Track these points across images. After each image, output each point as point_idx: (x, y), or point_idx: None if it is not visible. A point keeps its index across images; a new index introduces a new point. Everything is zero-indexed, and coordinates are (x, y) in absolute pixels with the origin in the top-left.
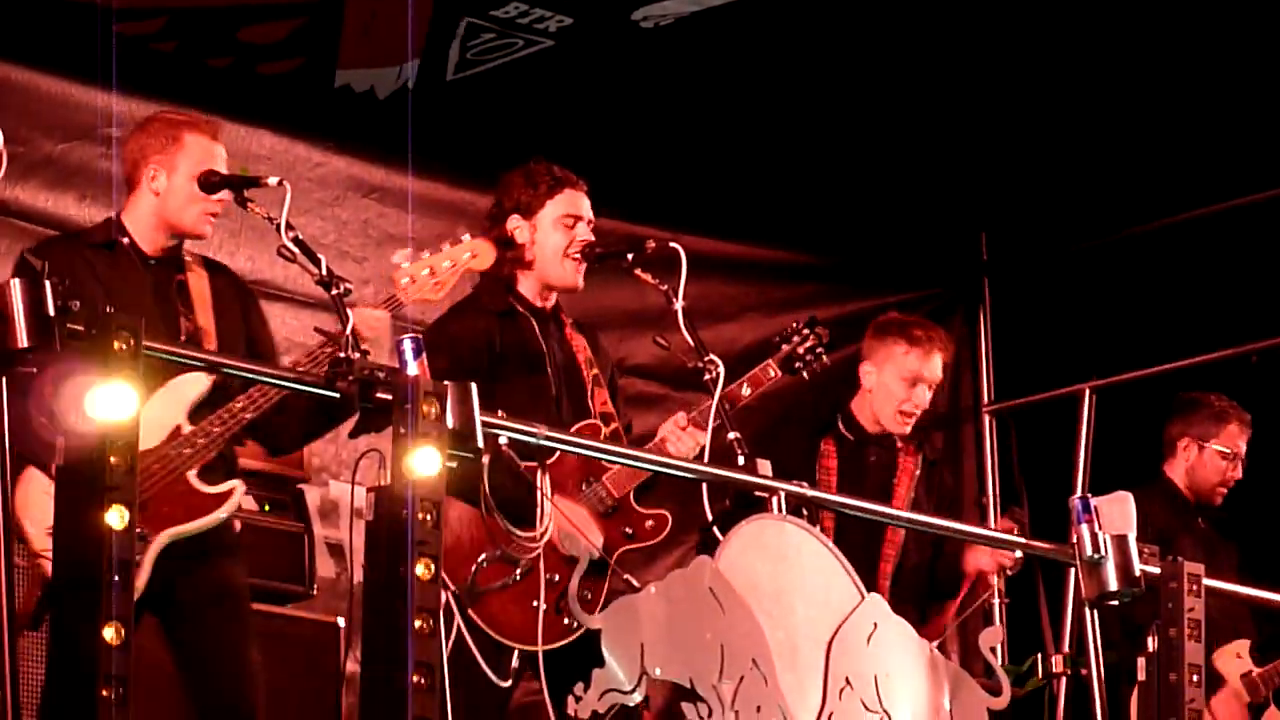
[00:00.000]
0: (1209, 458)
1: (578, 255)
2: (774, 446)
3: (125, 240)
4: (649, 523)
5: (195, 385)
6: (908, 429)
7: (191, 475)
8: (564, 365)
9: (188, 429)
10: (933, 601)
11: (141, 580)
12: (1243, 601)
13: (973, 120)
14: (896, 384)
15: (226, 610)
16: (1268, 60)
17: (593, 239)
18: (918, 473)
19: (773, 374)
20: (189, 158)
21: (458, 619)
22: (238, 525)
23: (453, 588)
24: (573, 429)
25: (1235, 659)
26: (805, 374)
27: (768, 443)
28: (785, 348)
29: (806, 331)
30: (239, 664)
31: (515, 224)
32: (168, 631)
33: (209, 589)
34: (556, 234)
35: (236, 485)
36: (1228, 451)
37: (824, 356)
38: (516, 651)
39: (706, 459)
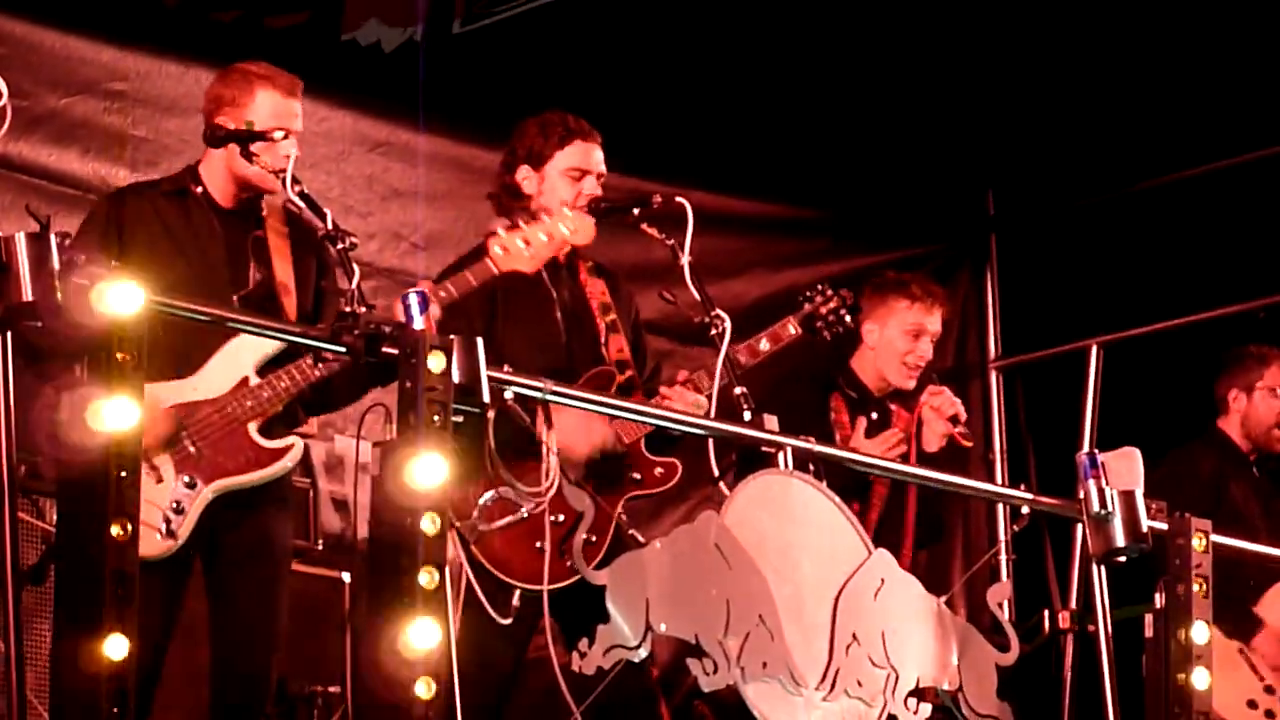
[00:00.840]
0: (1259, 400)
1: (584, 208)
2: (782, 403)
3: (198, 189)
4: (658, 470)
5: (269, 340)
6: (912, 383)
7: (252, 428)
8: (573, 310)
9: (254, 381)
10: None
11: (185, 530)
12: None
13: (980, 75)
14: (900, 338)
15: (267, 569)
16: (1275, 14)
17: (599, 193)
18: (912, 430)
19: (792, 331)
20: (258, 113)
21: (461, 555)
22: None
23: (456, 524)
24: (585, 375)
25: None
26: (826, 334)
27: (776, 399)
28: (807, 306)
29: (830, 293)
30: (266, 628)
31: (524, 174)
32: (207, 578)
33: (254, 544)
34: (563, 185)
35: (296, 441)
36: (1276, 388)
37: (846, 319)
38: (518, 591)
39: (713, 414)
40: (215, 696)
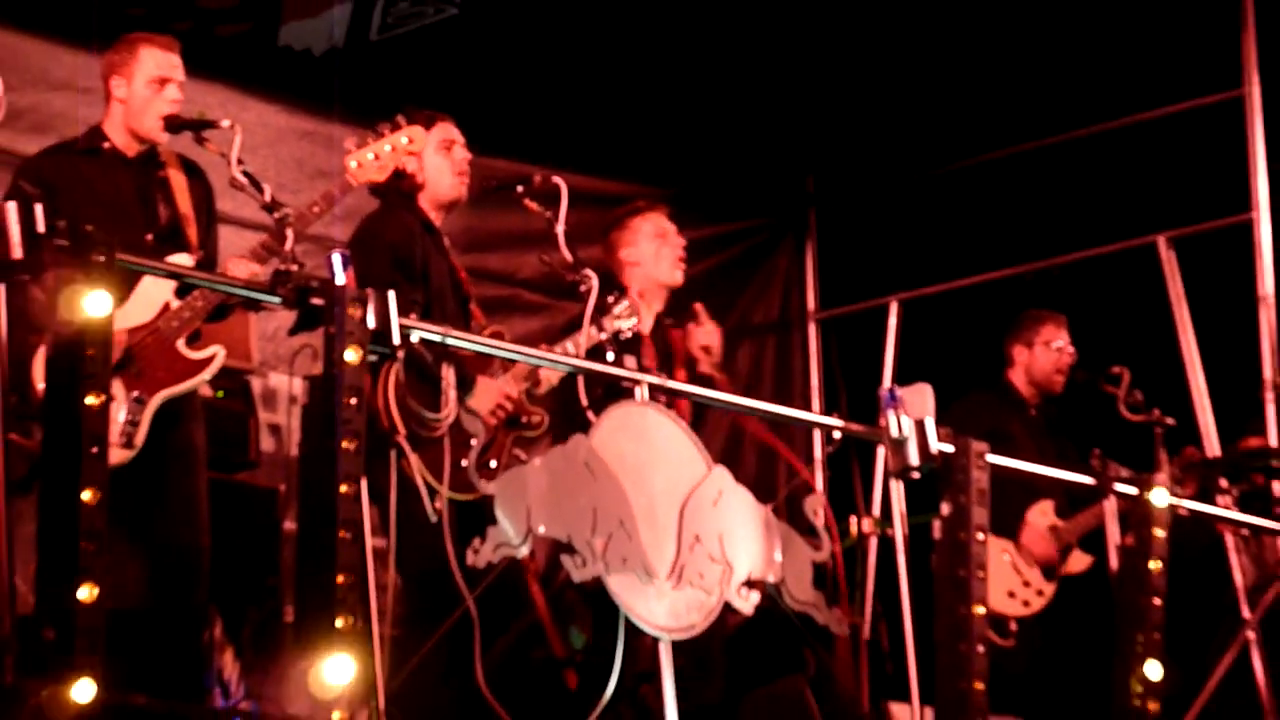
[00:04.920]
0: (1039, 351)
1: (461, 174)
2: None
3: (107, 145)
4: (535, 418)
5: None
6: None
7: (180, 343)
8: (453, 284)
9: (175, 304)
10: None
11: (141, 436)
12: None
13: (804, 71)
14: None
15: (186, 464)
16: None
17: (469, 156)
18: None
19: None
20: (143, 67)
21: (406, 459)
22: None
23: (403, 430)
24: (485, 332)
25: (1042, 515)
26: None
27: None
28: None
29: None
30: (193, 511)
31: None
32: (137, 479)
33: (174, 445)
34: (438, 158)
35: (218, 350)
36: (1052, 341)
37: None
38: (438, 498)
39: (582, 355)
40: (154, 574)
